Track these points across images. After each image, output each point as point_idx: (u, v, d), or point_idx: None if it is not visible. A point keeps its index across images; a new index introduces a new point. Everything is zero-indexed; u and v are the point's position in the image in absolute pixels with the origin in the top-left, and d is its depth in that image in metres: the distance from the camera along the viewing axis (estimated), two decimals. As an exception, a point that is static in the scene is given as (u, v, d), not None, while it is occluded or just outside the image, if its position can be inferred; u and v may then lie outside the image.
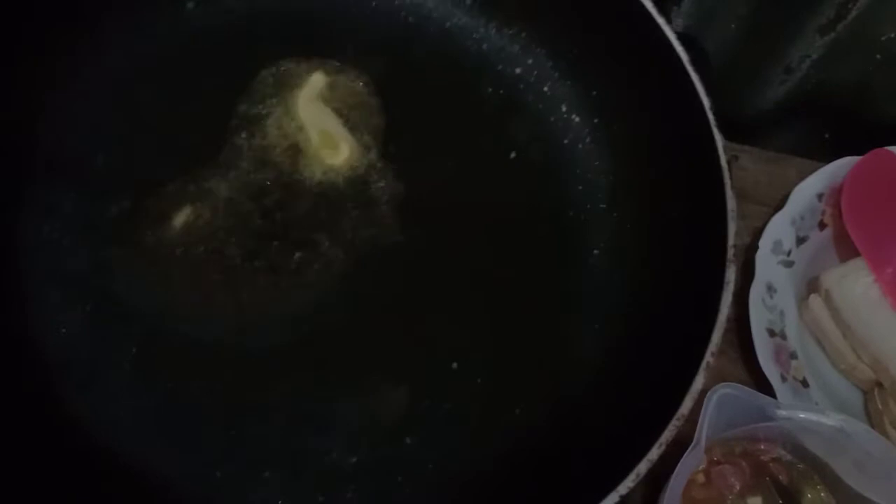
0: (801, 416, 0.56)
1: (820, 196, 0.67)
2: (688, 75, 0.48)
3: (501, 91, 0.58)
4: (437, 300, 0.53)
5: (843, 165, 0.67)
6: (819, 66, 0.70)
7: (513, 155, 0.57)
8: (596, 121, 0.58)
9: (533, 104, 0.59)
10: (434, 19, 0.59)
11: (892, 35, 0.66)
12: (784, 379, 0.63)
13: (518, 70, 0.59)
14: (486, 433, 0.50)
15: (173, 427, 0.47)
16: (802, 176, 0.67)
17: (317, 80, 0.56)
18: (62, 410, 0.46)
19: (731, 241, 0.46)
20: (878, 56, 0.68)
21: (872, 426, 0.63)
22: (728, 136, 0.68)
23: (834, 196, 0.67)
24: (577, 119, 0.58)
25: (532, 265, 0.55)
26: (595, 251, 0.56)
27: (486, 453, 0.50)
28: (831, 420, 0.55)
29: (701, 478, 0.58)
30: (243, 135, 0.54)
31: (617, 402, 0.50)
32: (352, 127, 0.56)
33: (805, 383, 0.64)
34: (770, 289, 0.65)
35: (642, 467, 0.42)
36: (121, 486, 0.46)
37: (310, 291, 0.51)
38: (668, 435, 0.42)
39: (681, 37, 0.49)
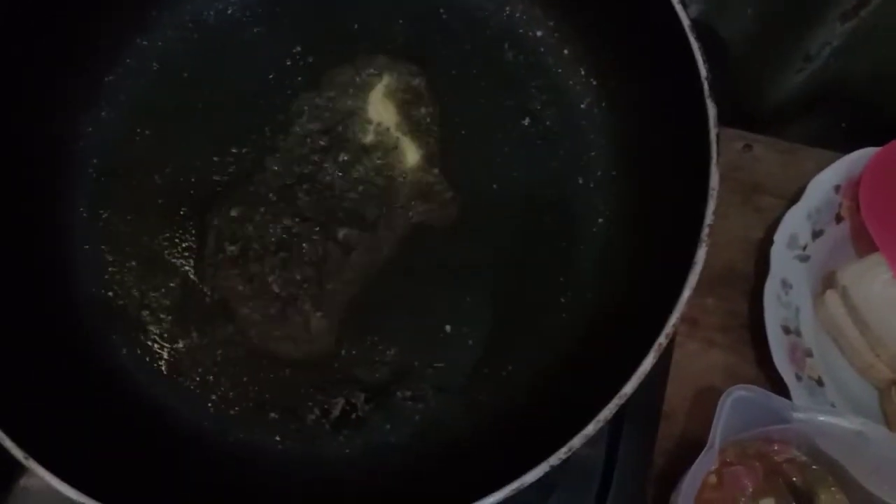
0: (820, 419, 0.54)
1: (837, 188, 0.64)
2: (687, 42, 0.47)
3: (522, 56, 0.59)
4: (439, 268, 0.55)
5: (861, 157, 0.64)
6: (839, 54, 0.67)
7: (527, 121, 0.58)
8: (612, 84, 0.57)
9: (552, 67, 0.59)
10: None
11: (917, 22, 0.63)
12: (799, 378, 0.61)
13: (539, 33, 0.59)
14: (469, 392, 0.53)
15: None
16: (819, 167, 0.65)
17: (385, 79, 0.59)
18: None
19: (707, 220, 0.45)
20: (901, 44, 0.65)
21: (888, 425, 0.60)
22: (743, 125, 0.68)
23: (851, 188, 0.64)
24: (594, 83, 0.58)
25: (536, 232, 0.56)
26: (600, 219, 0.56)
27: (466, 412, 0.52)
28: (851, 423, 0.54)
29: (713, 479, 0.58)
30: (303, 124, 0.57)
31: (582, 373, 0.50)
32: (407, 118, 0.58)
33: (820, 382, 0.61)
34: (785, 284, 0.63)
35: (576, 442, 0.42)
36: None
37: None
38: (607, 413, 0.42)
39: (696, 24, 0.48)
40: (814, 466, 0.57)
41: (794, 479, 0.57)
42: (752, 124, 0.69)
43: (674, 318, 0.43)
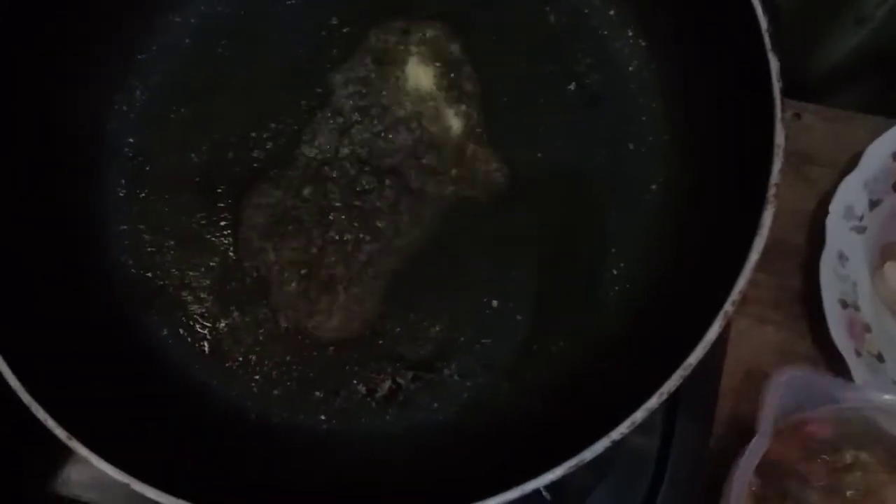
0: (886, 397, 0.53)
1: (895, 155, 0.62)
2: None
3: (565, 18, 0.57)
4: (485, 241, 0.54)
5: (918, 122, 0.62)
6: (894, 17, 0.64)
7: (572, 86, 0.56)
8: (662, 45, 0.55)
9: (598, 29, 0.57)
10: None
11: (976, -18, 0.61)
12: (859, 354, 0.59)
13: None
14: (518, 368, 0.51)
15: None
16: (871, 135, 0.63)
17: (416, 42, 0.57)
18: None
19: (774, 178, 0.43)
20: (961, 4, 0.62)
21: (951, 403, 0.57)
22: (791, 93, 0.66)
23: (911, 155, 0.62)
24: (643, 43, 0.56)
25: (586, 202, 0.54)
26: (653, 186, 0.54)
27: (516, 389, 0.51)
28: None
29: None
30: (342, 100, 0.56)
31: (640, 345, 0.49)
32: (447, 87, 0.56)
33: (881, 358, 0.59)
34: (842, 257, 0.61)
35: (639, 415, 0.40)
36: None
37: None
38: (671, 385, 0.40)
39: None
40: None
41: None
42: (800, 91, 0.66)
43: (740, 284, 0.41)
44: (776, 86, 0.44)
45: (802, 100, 0.67)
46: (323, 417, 0.50)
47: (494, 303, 0.52)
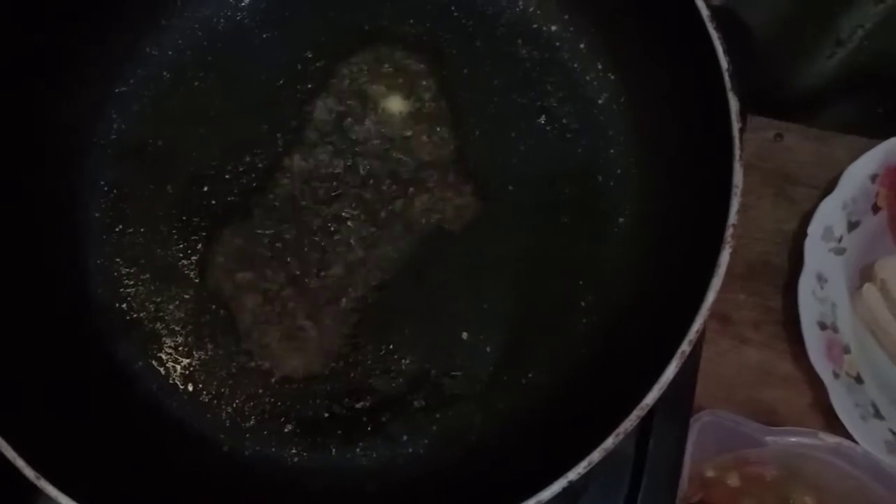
0: (793, 439, 0.54)
1: (873, 177, 0.63)
2: (707, 33, 0.46)
3: (537, 52, 0.58)
4: (456, 271, 0.54)
5: (897, 144, 0.62)
6: (873, 37, 0.64)
7: (543, 119, 0.56)
8: (631, 79, 0.56)
9: (568, 62, 0.57)
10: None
11: (955, 2, 0.60)
12: (836, 375, 0.59)
13: (554, 27, 0.58)
14: (489, 400, 0.51)
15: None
16: (853, 155, 0.63)
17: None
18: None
19: (731, 219, 0.43)
20: (939, 24, 0.62)
21: (931, 421, 0.58)
22: (772, 112, 0.66)
23: (889, 177, 0.62)
24: (613, 77, 0.56)
25: (556, 233, 0.55)
26: (621, 219, 0.54)
27: (487, 420, 0.51)
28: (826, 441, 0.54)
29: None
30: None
31: (603, 381, 0.49)
32: (421, 118, 0.57)
33: (859, 379, 0.60)
34: (820, 279, 0.62)
35: (596, 455, 0.40)
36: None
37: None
38: (627, 425, 0.41)
39: (720, 10, 0.46)
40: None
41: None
42: (782, 112, 0.66)
43: (697, 325, 0.42)
44: (735, 126, 0.44)
45: (784, 119, 0.67)
46: (294, 450, 0.50)
47: (465, 334, 0.52)
